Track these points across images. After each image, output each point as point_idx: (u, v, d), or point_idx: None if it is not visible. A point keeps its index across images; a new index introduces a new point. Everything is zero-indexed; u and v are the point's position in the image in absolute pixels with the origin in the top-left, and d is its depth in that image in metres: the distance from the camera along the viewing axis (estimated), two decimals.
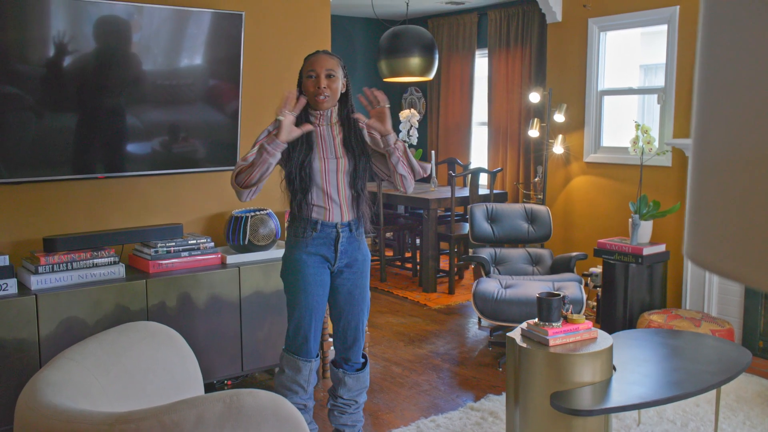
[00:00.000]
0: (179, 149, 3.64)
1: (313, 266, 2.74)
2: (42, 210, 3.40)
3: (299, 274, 2.75)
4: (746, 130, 0.55)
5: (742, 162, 0.55)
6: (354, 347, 2.93)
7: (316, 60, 2.71)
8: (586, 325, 2.76)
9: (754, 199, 0.54)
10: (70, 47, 3.20)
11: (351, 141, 2.75)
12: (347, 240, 2.77)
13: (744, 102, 0.55)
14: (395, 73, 5.95)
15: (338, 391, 2.96)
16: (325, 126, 2.75)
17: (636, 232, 4.48)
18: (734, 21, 0.56)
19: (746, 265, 0.55)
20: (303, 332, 2.80)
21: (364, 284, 2.88)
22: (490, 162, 6.83)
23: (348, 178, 2.74)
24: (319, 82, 2.67)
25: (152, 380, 2.15)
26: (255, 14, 3.94)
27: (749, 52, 0.54)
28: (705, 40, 0.60)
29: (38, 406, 1.72)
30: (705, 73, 0.60)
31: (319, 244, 2.73)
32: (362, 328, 2.94)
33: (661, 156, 4.74)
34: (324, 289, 2.80)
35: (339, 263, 2.79)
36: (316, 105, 2.71)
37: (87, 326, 3.09)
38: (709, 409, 3.43)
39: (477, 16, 6.99)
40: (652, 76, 7.24)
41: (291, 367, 2.84)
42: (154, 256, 3.39)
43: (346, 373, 2.94)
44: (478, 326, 4.95)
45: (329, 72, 2.69)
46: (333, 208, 2.72)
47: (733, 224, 0.56)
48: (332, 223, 2.73)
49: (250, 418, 1.61)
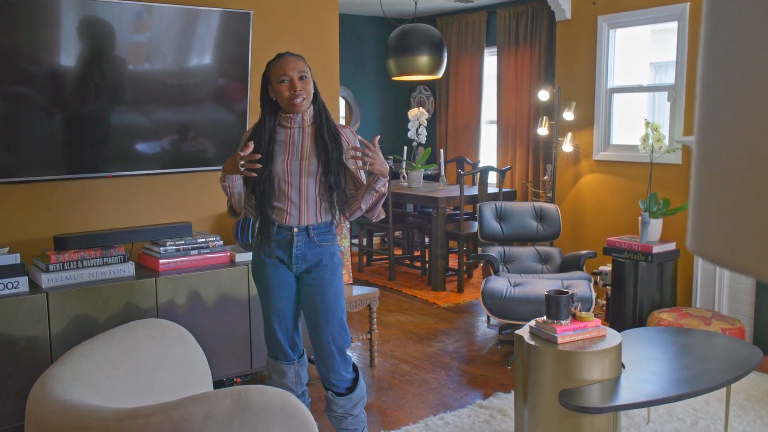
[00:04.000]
0: (188, 148, 3.66)
1: (272, 267, 2.68)
2: (52, 208, 3.42)
3: (261, 275, 2.71)
4: (749, 125, 0.55)
5: (743, 156, 0.55)
6: (331, 368, 2.72)
7: (286, 63, 2.60)
8: (594, 322, 2.75)
9: (756, 192, 0.54)
10: (80, 47, 3.23)
11: (324, 135, 2.62)
12: (304, 244, 2.64)
13: (747, 96, 0.55)
14: (404, 71, 5.94)
15: (331, 406, 2.81)
16: (297, 128, 2.64)
17: (646, 230, 4.46)
18: (736, 16, 0.56)
19: (749, 257, 0.55)
20: (274, 334, 2.76)
21: (327, 291, 2.68)
22: (499, 160, 6.82)
23: (313, 180, 2.61)
24: (294, 85, 2.57)
25: (161, 377, 2.16)
26: (263, 13, 3.95)
27: (752, 46, 0.54)
28: (708, 35, 0.60)
29: (48, 402, 1.73)
30: (708, 69, 0.60)
31: (275, 247, 2.66)
32: (333, 347, 2.71)
33: (671, 154, 4.71)
34: (287, 290, 2.71)
35: (296, 268, 2.68)
36: (292, 109, 2.59)
37: (97, 324, 3.11)
38: (720, 408, 3.41)
39: (486, 14, 6.97)
40: (663, 74, 7.20)
41: (275, 372, 2.82)
42: (163, 254, 3.41)
43: (334, 395, 2.78)
44: (487, 324, 4.95)
45: (302, 74, 2.59)
46: (291, 210, 2.61)
47: (735, 216, 0.56)
48: (288, 226, 2.63)
49: (258, 414, 1.62)
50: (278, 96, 2.60)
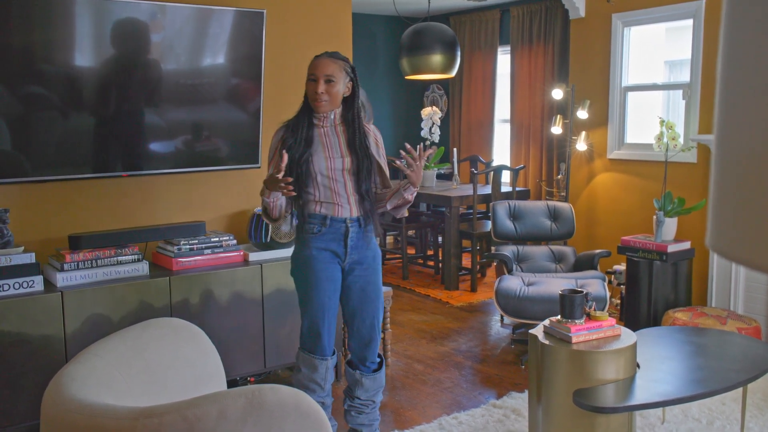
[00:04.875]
0: (202, 148, 3.67)
1: (322, 262, 2.76)
2: (67, 208, 3.45)
3: (309, 271, 2.76)
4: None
5: (763, 155, 0.54)
6: (370, 346, 2.92)
7: (318, 64, 2.73)
8: (609, 322, 2.73)
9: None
10: (94, 47, 3.25)
11: (355, 144, 2.77)
12: (356, 235, 2.78)
13: (767, 95, 0.54)
14: (417, 70, 5.93)
15: (355, 392, 2.95)
16: (329, 127, 2.78)
17: (660, 229, 4.42)
18: (756, 16, 0.55)
19: (767, 255, 0.54)
20: (316, 329, 2.81)
21: (376, 281, 2.88)
22: (512, 159, 6.79)
23: (353, 177, 2.76)
24: (317, 87, 2.69)
25: (175, 376, 2.17)
26: (276, 12, 3.96)
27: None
28: (727, 34, 0.59)
29: (63, 401, 1.74)
30: (728, 68, 0.59)
31: (329, 240, 2.75)
32: (378, 326, 2.92)
33: (686, 152, 4.67)
34: (335, 285, 2.81)
35: (349, 259, 2.80)
36: (314, 108, 2.74)
37: (111, 323, 3.13)
38: (736, 408, 3.38)
39: (499, 12, 6.95)
40: (678, 72, 7.14)
41: (307, 366, 2.85)
42: (177, 253, 3.42)
43: (362, 374, 2.93)
44: (501, 324, 4.93)
45: (328, 77, 2.70)
46: (342, 203, 2.74)
47: (754, 215, 0.55)
48: (341, 218, 2.74)
49: (272, 413, 1.62)
50: (307, 91, 2.75)
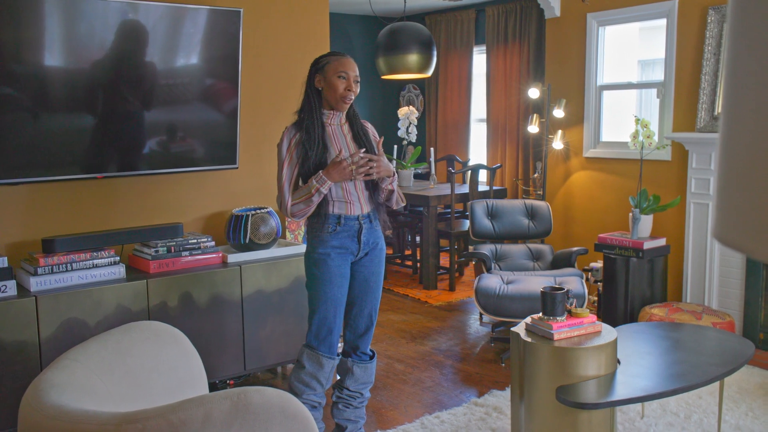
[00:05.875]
0: (178, 149, 3.62)
1: (337, 259, 2.82)
2: (40, 211, 3.38)
3: (324, 268, 2.81)
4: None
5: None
6: (365, 336, 3.00)
7: (349, 63, 2.81)
8: (590, 318, 2.75)
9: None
10: (64, 47, 3.18)
11: (360, 137, 2.88)
12: (368, 230, 2.87)
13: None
14: (393, 70, 5.93)
15: (345, 382, 3.00)
16: (336, 126, 2.87)
17: (636, 226, 4.47)
18: (762, 10, 0.55)
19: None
20: (328, 325, 2.86)
21: (379, 272, 2.97)
22: (489, 158, 6.82)
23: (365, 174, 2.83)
24: (350, 85, 2.78)
25: (157, 380, 2.13)
26: (253, 11, 3.92)
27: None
28: (734, 28, 0.59)
29: (42, 408, 1.70)
30: (733, 61, 0.59)
31: (344, 237, 2.82)
32: (374, 317, 3.00)
33: (660, 150, 4.73)
34: (347, 281, 2.89)
35: (362, 252, 2.89)
36: (339, 105, 2.81)
37: (88, 327, 3.07)
38: (712, 401, 3.43)
39: (475, 12, 6.98)
40: (650, 72, 7.24)
41: (313, 363, 2.88)
42: (154, 255, 3.37)
43: (354, 362, 2.99)
44: (480, 322, 4.95)
45: (357, 78, 2.82)
46: (353, 201, 2.82)
47: (758, 206, 0.55)
48: (354, 216, 2.82)
49: (257, 416, 1.60)
50: (330, 89, 2.78)
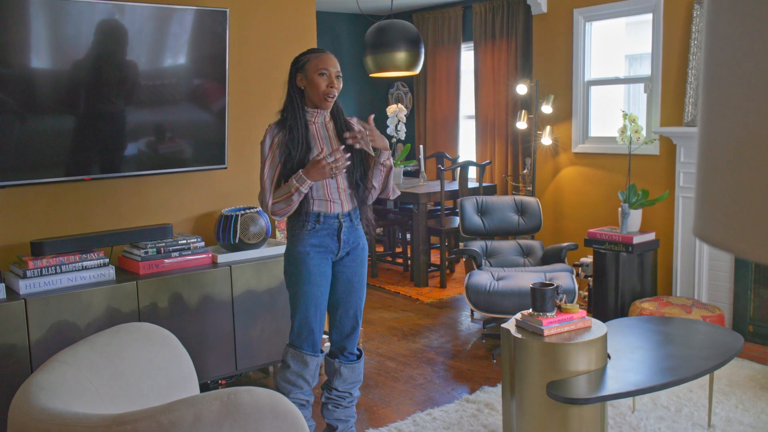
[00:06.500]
0: (166, 149, 3.61)
1: (316, 258, 2.80)
2: (28, 213, 3.36)
3: (303, 267, 2.79)
4: (752, 111, 0.54)
5: (746, 142, 0.55)
6: (351, 336, 2.98)
7: (329, 59, 2.77)
8: (580, 314, 2.76)
9: (758, 177, 0.54)
10: (51, 49, 3.16)
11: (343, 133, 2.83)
12: (348, 229, 2.84)
13: (750, 83, 0.55)
14: (381, 68, 5.93)
15: (333, 383, 2.99)
16: (320, 124, 2.84)
17: (625, 221, 4.49)
18: (739, 5, 0.56)
19: (751, 241, 0.55)
20: (308, 324, 2.84)
21: (362, 272, 2.95)
22: (478, 155, 6.83)
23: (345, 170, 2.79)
24: (332, 81, 2.75)
25: (147, 381, 2.13)
26: (239, 11, 3.91)
27: (754, 34, 0.54)
28: (711, 23, 0.60)
29: (32, 411, 1.70)
30: (711, 56, 0.59)
31: (323, 236, 2.80)
32: (359, 317, 2.99)
33: (648, 145, 4.75)
34: (327, 280, 2.87)
35: (342, 252, 2.87)
36: (322, 103, 2.78)
37: (78, 330, 3.06)
38: (703, 394, 3.45)
39: (462, 9, 6.98)
40: (637, 66, 7.27)
41: (297, 362, 2.87)
42: (144, 257, 3.36)
43: (341, 363, 2.97)
44: (471, 319, 4.96)
45: (338, 73, 2.79)
46: (334, 199, 2.79)
47: (738, 202, 0.56)
48: (334, 214, 2.80)
49: (248, 416, 1.60)
50: (312, 87, 2.75)
